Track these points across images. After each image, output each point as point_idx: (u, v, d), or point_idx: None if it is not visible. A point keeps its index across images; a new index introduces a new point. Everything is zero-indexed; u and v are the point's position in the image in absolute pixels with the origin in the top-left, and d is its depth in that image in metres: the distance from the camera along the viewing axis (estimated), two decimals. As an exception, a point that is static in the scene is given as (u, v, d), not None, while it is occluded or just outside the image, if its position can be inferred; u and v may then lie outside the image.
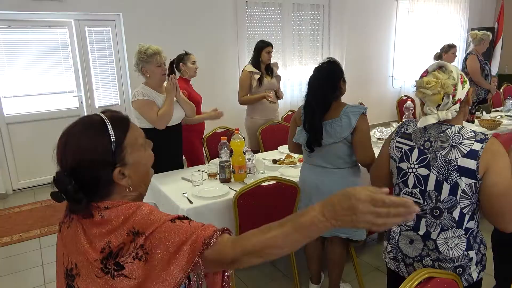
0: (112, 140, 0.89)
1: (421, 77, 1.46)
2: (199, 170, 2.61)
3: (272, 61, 3.88)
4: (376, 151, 2.86)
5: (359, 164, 2.21)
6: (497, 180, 1.32)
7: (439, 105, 1.41)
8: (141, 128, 1.03)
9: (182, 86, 3.12)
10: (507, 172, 1.34)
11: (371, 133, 3.46)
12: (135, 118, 2.63)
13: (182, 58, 3.25)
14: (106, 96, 4.83)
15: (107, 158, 0.88)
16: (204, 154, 3.40)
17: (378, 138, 3.33)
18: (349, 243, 2.41)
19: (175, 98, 2.65)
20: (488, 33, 4.50)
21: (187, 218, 0.91)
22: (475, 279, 1.45)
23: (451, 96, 1.39)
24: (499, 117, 4.02)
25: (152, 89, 2.61)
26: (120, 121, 0.93)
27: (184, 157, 3.33)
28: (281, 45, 5.65)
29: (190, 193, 2.27)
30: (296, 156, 2.89)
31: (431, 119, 1.42)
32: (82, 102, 4.70)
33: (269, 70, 3.82)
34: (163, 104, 2.57)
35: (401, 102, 4.91)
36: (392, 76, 6.95)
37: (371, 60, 6.67)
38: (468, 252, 1.42)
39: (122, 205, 0.89)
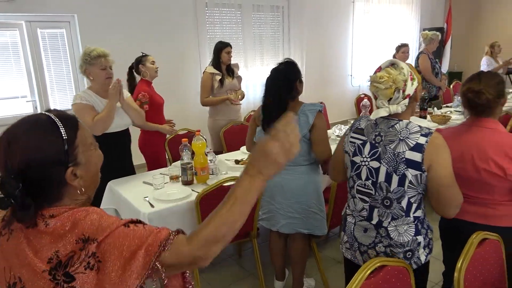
0: (64, 138, 0.85)
1: (375, 72, 1.54)
2: (160, 173, 2.58)
3: (233, 62, 3.90)
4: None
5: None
6: (444, 173, 1.44)
7: (390, 99, 1.50)
8: None
9: (143, 88, 3.07)
10: (450, 165, 1.45)
11: (331, 130, 3.57)
12: None
13: (140, 60, 3.19)
14: (63, 100, 4.65)
15: (59, 157, 0.84)
16: (167, 157, 3.37)
17: (338, 136, 3.43)
18: (310, 238, 2.47)
19: (118, 104, 2.53)
20: (438, 33, 4.76)
21: (140, 222, 0.88)
22: (423, 262, 1.56)
23: (401, 91, 1.48)
24: (449, 112, 4.26)
25: (95, 93, 2.52)
26: (69, 119, 0.90)
27: (145, 161, 3.28)
28: (242, 46, 5.68)
29: (152, 197, 2.25)
30: (258, 155, 2.92)
31: (383, 112, 1.51)
32: (36, 107, 4.50)
33: (230, 71, 3.84)
34: (103, 109, 2.47)
35: (359, 100, 5.07)
36: (351, 75, 7.17)
37: (331, 60, 6.85)
38: (417, 237, 1.53)
39: (69, 211, 0.85)
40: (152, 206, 2.14)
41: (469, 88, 1.70)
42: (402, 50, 4.91)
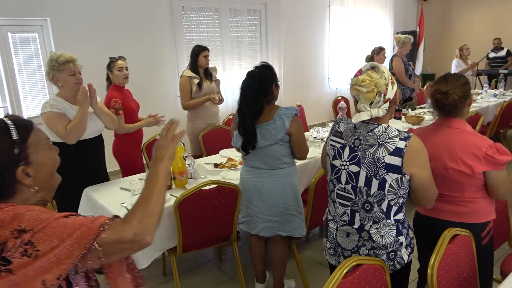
0: (14, 138, 0.92)
1: (356, 75, 1.54)
2: (138, 179, 2.55)
3: (211, 65, 3.90)
4: (313, 150, 3.02)
5: (297, 161, 2.32)
6: (424, 175, 1.49)
7: (371, 102, 1.50)
8: (55, 143, 1.05)
9: (114, 94, 3.00)
10: (428, 165, 1.51)
11: (309, 133, 3.61)
12: (46, 132, 2.47)
13: (108, 66, 3.10)
14: (36, 106, 4.53)
15: (9, 155, 0.91)
16: (144, 162, 3.33)
17: (315, 138, 3.47)
18: (290, 240, 2.49)
19: (91, 110, 2.49)
20: (410, 36, 4.90)
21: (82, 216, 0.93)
22: (406, 261, 1.59)
23: (382, 95, 1.49)
24: (422, 113, 4.38)
25: (64, 100, 2.45)
26: (23, 122, 0.97)
27: (119, 168, 3.21)
28: (220, 49, 5.68)
29: (129, 202, 2.22)
30: (237, 159, 2.93)
31: (365, 116, 1.51)
32: (8, 114, 4.37)
33: (208, 74, 3.83)
34: (75, 116, 2.41)
35: (336, 102, 5.15)
36: (328, 78, 7.28)
37: (308, 63, 6.93)
38: (398, 237, 1.54)
39: (10, 206, 0.90)
40: (129, 212, 2.11)
41: (436, 89, 1.76)
42: (382, 53, 5.02)
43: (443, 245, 1.45)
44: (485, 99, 5.40)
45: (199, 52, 3.70)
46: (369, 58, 4.86)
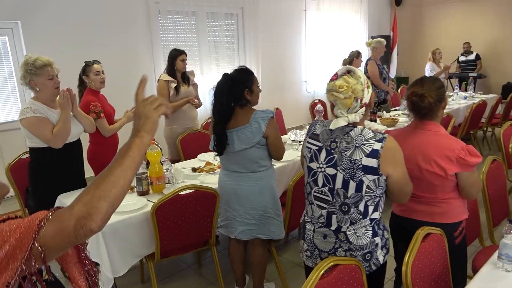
0: None
1: (332, 80, 1.55)
2: (114, 185, 2.51)
3: (188, 69, 3.88)
4: (291, 153, 3.05)
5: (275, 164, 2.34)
6: (400, 174, 1.52)
7: (348, 108, 1.53)
8: (34, 148, 1.00)
9: (91, 98, 2.94)
10: (404, 164, 1.54)
11: (287, 135, 3.65)
12: (25, 137, 2.41)
13: (84, 70, 3.04)
14: (7, 112, 4.39)
15: None
16: (121, 167, 3.27)
17: (293, 141, 3.50)
18: (269, 243, 2.50)
19: (71, 113, 2.47)
20: (382, 40, 5.01)
21: (20, 217, 0.85)
22: (381, 262, 1.62)
23: (359, 100, 1.52)
24: (397, 115, 4.49)
25: (43, 104, 2.40)
26: None
27: (94, 174, 3.15)
28: (197, 53, 5.66)
29: (105, 209, 2.18)
30: (215, 163, 2.92)
31: (342, 122, 1.53)
32: (-24, 120, 4.22)
33: (186, 78, 3.81)
34: (58, 120, 2.38)
35: (313, 105, 5.21)
36: (306, 81, 7.36)
37: (286, 67, 6.99)
38: (374, 238, 1.57)
39: None
40: (105, 219, 2.07)
41: (413, 92, 1.80)
42: (360, 57, 5.09)
43: (417, 243, 1.49)
44: (456, 101, 5.59)
45: (176, 56, 3.68)
46: (348, 62, 4.91)
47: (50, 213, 0.81)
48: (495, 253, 1.56)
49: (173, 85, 3.66)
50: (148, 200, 2.28)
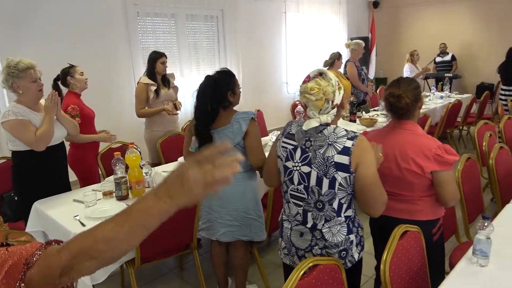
0: None
1: (304, 82, 1.58)
2: (92, 190, 2.46)
3: (168, 72, 3.85)
4: (272, 155, 3.04)
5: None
6: (368, 173, 1.52)
7: (320, 109, 1.55)
8: (16, 152, 0.94)
9: (73, 101, 2.91)
10: (374, 165, 1.55)
11: (268, 137, 3.65)
12: (7, 141, 2.38)
13: (68, 72, 3.01)
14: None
15: None
16: (100, 172, 3.22)
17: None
18: (251, 244, 2.50)
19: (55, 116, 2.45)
20: (360, 42, 5.09)
21: (7, 245, 0.77)
22: (356, 259, 1.65)
23: (330, 102, 1.55)
24: (376, 115, 4.56)
25: (26, 107, 2.38)
26: None
27: (77, 178, 3.11)
28: (177, 56, 5.62)
29: (83, 215, 2.13)
30: (196, 165, 2.90)
31: (314, 123, 1.56)
32: None
33: (166, 81, 3.78)
34: (42, 123, 2.37)
35: (294, 107, 5.24)
36: (286, 83, 7.40)
37: (266, 68, 7.01)
38: (349, 236, 1.60)
39: None
40: (83, 225, 2.03)
41: (390, 93, 1.84)
42: (341, 58, 5.14)
43: (394, 241, 1.51)
44: (433, 101, 5.72)
45: (156, 58, 3.65)
46: (329, 64, 4.95)
47: (39, 253, 0.73)
48: (470, 248, 1.60)
49: (153, 88, 3.62)
50: (127, 205, 2.23)
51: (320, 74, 1.57)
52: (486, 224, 1.52)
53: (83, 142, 2.97)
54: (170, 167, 3.02)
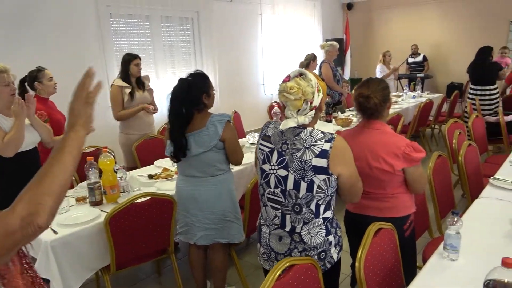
0: None
1: (284, 81, 1.57)
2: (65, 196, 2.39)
3: (143, 74, 3.80)
4: (250, 156, 3.05)
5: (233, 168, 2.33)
6: (349, 172, 1.55)
7: (298, 110, 1.55)
8: None
9: (39, 107, 2.81)
10: (353, 163, 1.58)
11: (245, 138, 3.66)
12: None
13: (36, 76, 2.90)
14: None
15: None
16: (73, 177, 3.14)
17: (251, 143, 3.52)
18: (230, 247, 2.49)
19: (27, 121, 2.38)
20: (334, 43, 5.17)
21: None
22: (336, 260, 1.65)
23: (309, 103, 1.54)
24: (351, 115, 4.64)
25: None
26: None
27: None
28: (152, 57, 5.55)
29: (55, 222, 2.07)
30: (173, 169, 2.87)
31: (291, 123, 1.55)
32: None
33: (140, 83, 3.72)
34: (11, 128, 2.29)
35: (271, 108, 5.27)
36: (263, 84, 7.42)
37: (243, 70, 7.01)
38: (328, 237, 1.61)
39: None
40: (55, 232, 1.98)
41: (359, 93, 1.87)
42: (316, 60, 5.20)
43: (368, 239, 1.54)
44: (406, 100, 5.87)
45: (130, 60, 3.59)
46: (305, 65, 5.00)
47: None
48: (442, 243, 1.64)
49: (127, 90, 3.56)
50: (101, 211, 2.19)
51: (301, 74, 1.57)
52: (455, 219, 1.57)
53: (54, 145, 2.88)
54: (147, 171, 2.98)
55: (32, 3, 4.33)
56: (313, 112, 1.59)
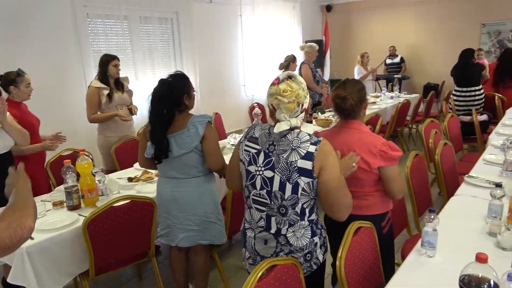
0: None
1: (274, 84, 1.56)
2: (41, 200, 2.34)
3: (122, 75, 3.74)
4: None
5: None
6: (332, 177, 1.54)
7: (291, 112, 1.54)
8: None
9: (10, 110, 2.71)
10: (337, 168, 1.57)
11: (226, 140, 3.65)
12: None
13: (13, 80, 2.80)
14: None
15: None
16: (51, 182, 3.06)
17: (233, 145, 3.52)
18: (212, 248, 2.48)
19: None
20: (314, 44, 5.22)
21: None
22: (321, 261, 1.67)
23: (301, 105, 1.56)
24: (331, 116, 4.69)
25: None
26: None
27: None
28: (131, 58, 5.47)
29: (30, 227, 2.01)
30: (153, 171, 2.84)
31: (285, 126, 1.54)
32: None
33: (119, 84, 3.67)
34: None
35: (252, 109, 5.28)
36: (244, 85, 7.43)
37: (224, 71, 7.00)
38: (313, 238, 1.61)
39: None
40: (31, 238, 1.92)
41: (336, 94, 1.90)
42: (296, 61, 5.23)
43: (348, 238, 1.56)
44: (384, 101, 5.98)
45: (108, 61, 3.53)
46: (285, 66, 5.03)
47: None
48: (419, 241, 1.68)
49: (105, 92, 3.50)
50: (79, 215, 2.15)
51: (290, 77, 1.57)
52: (432, 217, 1.61)
53: (25, 153, 2.77)
54: (126, 173, 2.93)
55: (5, 2, 4.20)
56: (303, 114, 1.60)
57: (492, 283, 1.13)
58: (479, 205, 2.04)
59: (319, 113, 4.72)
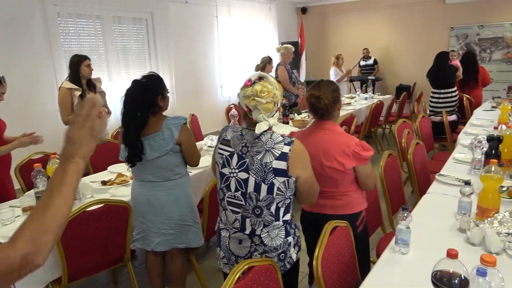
0: None
1: (247, 86, 1.55)
2: (10, 206, 2.25)
3: (94, 76, 3.65)
4: (208, 159, 3.03)
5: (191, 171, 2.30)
6: (307, 175, 1.59)
7: (269, 112, 1.55)
8: None
9: None
10: (310, 167, 1.62)
11: (203, 141, 3.62)
12: None
13: None
14: None
15: None
16: (20, 186, 2.94)
17: (210, 146, 3.49)
18: (188, 251, 2.45)
19: None
20: (289, 46, 5.25)
21: None
22: (295, 260, 1.68)
23: (276, 105, 1.57)
24: (307, 117, 4.74)
25: None
26: None
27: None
28: (105, 59, 5.35)
29: (-2, 234, 1.94)
30: (128, 174, 2.78)
31: (264, 126, 1.54)
32: None
33: (92, 85, 3.58)
34: None
35: (229, 110, 5.26)
36: (221, 86, 7.40)
37: (200, 72, 6.95)
38: (287, 238, 1.63)
39: None
40: (-1, 245, 1.84)
41: (311, 94, 1.93)
42: (272, 62, 5.23)
43: (325, 237, 1.58)
44: (358, 102, 6.09)
45: (80, 61, 3.45)
46: (261, 68, 5.03)
47: None
48: (394, 238, 1.72)
49: (78, 93, 3.42)
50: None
51: (261, 78, 1.57)
52: (405, 214, 1.65)
53: (3, 154, 2.66)
54: (100, 177, 2.86)
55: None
56: (278, 113, 1.61)
57: (462, 277, 1.17)
58: (450, 202, 2.10)
59: (296, 114, 4.76)
